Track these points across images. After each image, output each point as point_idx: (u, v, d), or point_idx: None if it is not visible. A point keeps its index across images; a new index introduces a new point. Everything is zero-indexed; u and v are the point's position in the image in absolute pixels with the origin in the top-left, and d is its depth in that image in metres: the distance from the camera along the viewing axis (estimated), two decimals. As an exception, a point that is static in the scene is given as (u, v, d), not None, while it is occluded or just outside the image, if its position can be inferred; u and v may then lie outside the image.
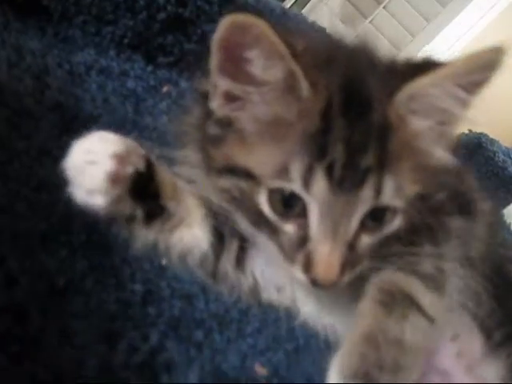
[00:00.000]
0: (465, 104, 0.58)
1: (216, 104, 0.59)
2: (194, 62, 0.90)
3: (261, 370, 0.62)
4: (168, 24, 0.87)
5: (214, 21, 0.90)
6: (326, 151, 0.54)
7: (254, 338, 0.63)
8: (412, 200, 0.59)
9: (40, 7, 0.78)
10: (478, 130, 1.75)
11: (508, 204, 1.55)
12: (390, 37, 2.68)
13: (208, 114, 0.61)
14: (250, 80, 0.57)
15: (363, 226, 0.58)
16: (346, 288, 0.60)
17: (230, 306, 0.65)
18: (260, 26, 0.52)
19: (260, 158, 0.57)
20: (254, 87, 0.57)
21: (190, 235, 0.64)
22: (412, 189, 0.59)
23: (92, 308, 0.51)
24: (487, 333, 0.73)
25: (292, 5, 2.52)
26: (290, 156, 0.55)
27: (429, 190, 0.61)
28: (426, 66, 0.58)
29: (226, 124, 0.60)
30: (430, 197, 0.62)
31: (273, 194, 0.57)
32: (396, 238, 0.62)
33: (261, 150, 0.58)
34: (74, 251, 0.54)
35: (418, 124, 0.59)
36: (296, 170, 0.55)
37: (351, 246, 0.58)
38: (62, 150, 0.56)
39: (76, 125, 0.66)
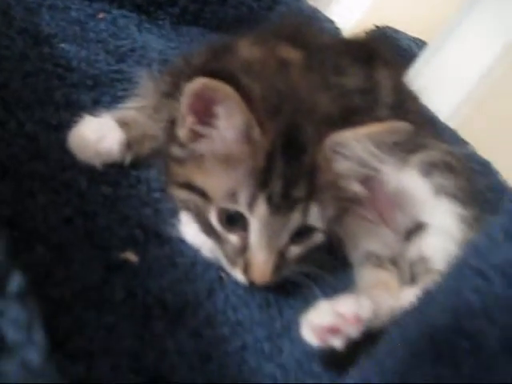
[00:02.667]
0: (375, 156, 0.70)
1: (182, 133, 0.70)
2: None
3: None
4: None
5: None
6: (268, 183, 0.67)
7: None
8: (329, 221, 0.73)
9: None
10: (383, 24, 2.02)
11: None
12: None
13: (173, 136, 0.72)
14: (213, 124, 0.68)
15: (291, 240, 0.71)
16: None
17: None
18: (229, 91, 0.62)
19: (214, 183, 0.69)
20: (215, 130, 0.68)
21: None
22: (330, 213, 0.72)
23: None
24: None
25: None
26: (238, 184, 0.67)
27: (340, 213, 0.76)
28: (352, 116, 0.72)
29: (189, 149, 0.71)
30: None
31: (221, 211, 0.69)
32: (316, 248, 0.76)
33: (215, 177, 0.69)
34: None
35: (340, 165, 0.72)
36: (243, 195, 0.67)
37: (281, 255, 0.71)
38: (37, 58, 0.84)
39: (40, 40, 0.92)
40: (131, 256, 0.66)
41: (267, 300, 0.74)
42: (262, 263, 0.69)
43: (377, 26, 2.00)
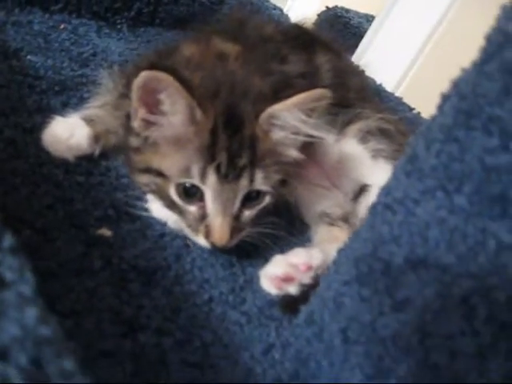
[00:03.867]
0: (305, 122, 0.79)
1: (136, 124, 0.79)
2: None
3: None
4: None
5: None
6: (215, 157, 0.76)
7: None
8: (275, 184, 0.83)
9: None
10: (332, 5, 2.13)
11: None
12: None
13: (130, 129, 0.81)
14: (160, 112, 0.77)
15: (244, 204, 0.81)
16: None
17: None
18: (168, 79, 0.71)
19: (169, 163, 0.78)
20: (163, 117, 0.77)
21: None
22: (275, 177, 0.82)
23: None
24: None
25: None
26: (190, 161, 0.76)
27: (285, 177, 0.85)
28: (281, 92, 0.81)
29: (144, 138, 0.80)
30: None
31: (178, 186, 0.79)
32: (267, 210, 0.86)
33: (169, 157, 0.78)
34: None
35: (277, 135, 0.81)
36: (195, 169, 0.76)
37: (236, 218, 0.80)
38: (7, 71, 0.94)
39: (9, 54, 1.03)
40: (106, 232, 0.76)
41: (230, 261, 0.85)
42: (220, 226, 0.78)
43: (327, 7, 2.12)
